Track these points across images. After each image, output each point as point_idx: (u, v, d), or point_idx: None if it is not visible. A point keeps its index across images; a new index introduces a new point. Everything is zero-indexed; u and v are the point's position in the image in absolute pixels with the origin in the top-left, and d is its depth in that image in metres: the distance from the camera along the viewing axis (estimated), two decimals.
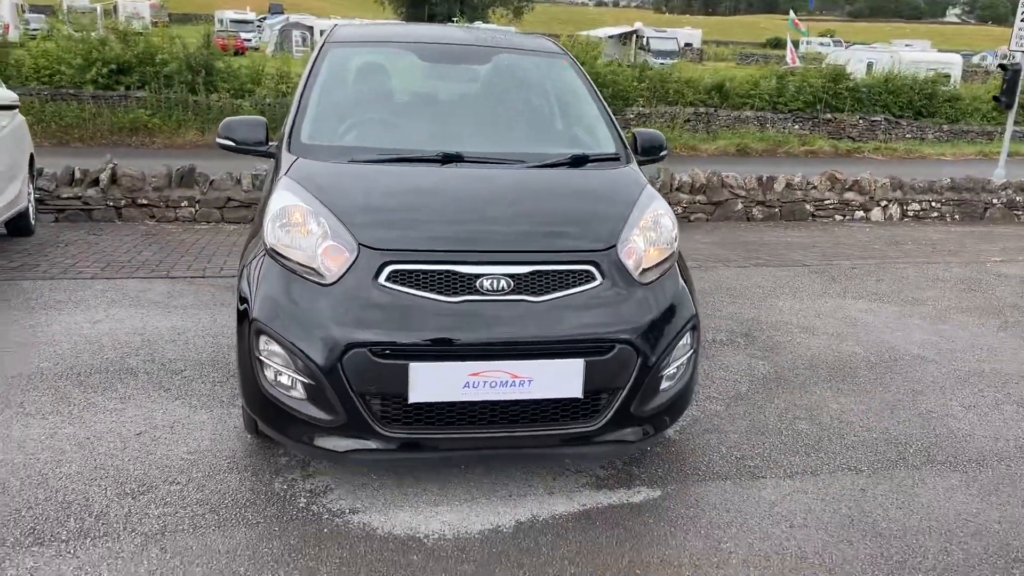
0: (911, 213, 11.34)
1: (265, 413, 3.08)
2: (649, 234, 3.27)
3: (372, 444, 2.94)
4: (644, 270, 3.17)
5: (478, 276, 2.96)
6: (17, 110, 6.91)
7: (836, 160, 18.43)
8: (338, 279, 2.95)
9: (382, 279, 2.94)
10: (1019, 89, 12.58)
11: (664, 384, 3.15)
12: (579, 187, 3.52)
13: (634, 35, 46.31)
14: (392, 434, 2.93)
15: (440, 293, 2.93)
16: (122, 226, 8.32)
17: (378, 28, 4.54)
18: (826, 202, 11.00)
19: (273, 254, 3.09)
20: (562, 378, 2.95)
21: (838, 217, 10.88)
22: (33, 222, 7.48)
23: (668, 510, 3.13)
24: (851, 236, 9.05)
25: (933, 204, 11.50)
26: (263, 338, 2.99)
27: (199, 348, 4.48)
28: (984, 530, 3.09)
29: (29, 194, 7.34)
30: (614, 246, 3.14)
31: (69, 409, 3.70)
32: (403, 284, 2.93)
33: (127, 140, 16.34)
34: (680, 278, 3.34)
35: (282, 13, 65.53)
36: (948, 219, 11.40)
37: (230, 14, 56.86)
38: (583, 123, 4.04)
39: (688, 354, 3.24)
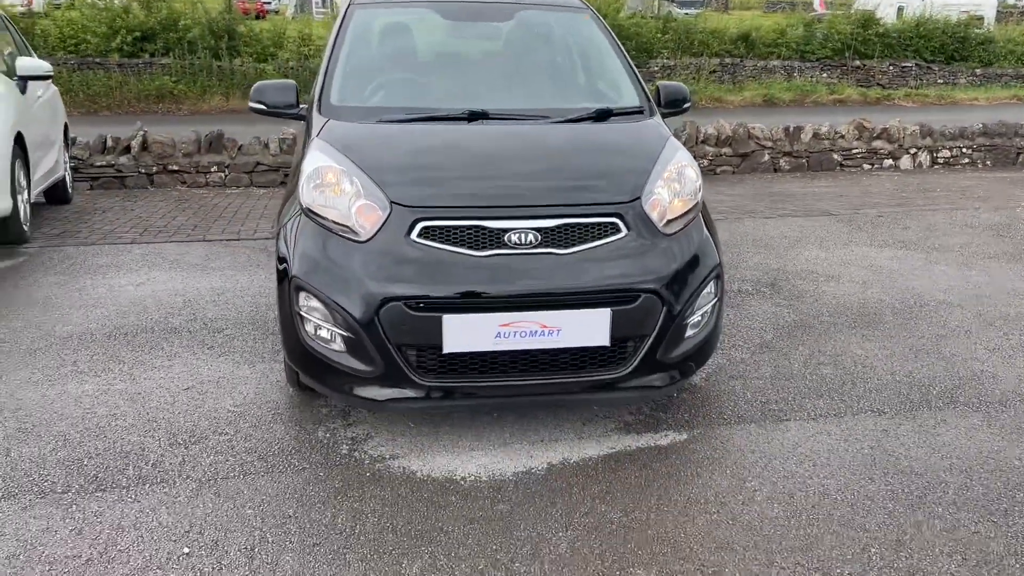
0: (941, 160, 11.22)
1: (307, 365, 3.22)
2: (673, 185, 3.34)
3: (409, 392, 3.08)
4: (668, 221, 3.26)
5: (506, 231, 3.06)
6: (51, 80, 7.06)
7: (865, 108, 18.18)
8: (372, 236, 3.07)
9: (414, 235, 3.05)
10: None
11: (689, 332, 3.24)
12: (603, 141, 3.59)
13: None
14: (428, 383, 3.06)
15: (470, 248, 3.04)
16: (155, 192, 8.51)
17: None
18: (854, 151, 10.91)
19: (309, 213, 3.21)
20: (589, 327, 3.06)
21: (866, 166, 10.80)
22: (70, 190, 7.68)
23: (694, 452, 3.25)
24: (879, 184, 9.01)
25: (964, 150, 11.36)
26: (303, 294, 3.12)
27: (238, 308, 4.64)
28: (1005, 467, 3.17)
29: (65, 163, 7.53)
30: (638, 198, 3.22)
31: (120, 367, 3.88)
32: (434, 239, 3.04)
33: (153, 107, 16.53)
34: (704, 228, 3.41)
35: None
36: (980, 165, 11.26)
37: None
38: (606, 77, 4.09)
39: (712, 302, 3.33)
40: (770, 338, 4.34)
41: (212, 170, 9.32)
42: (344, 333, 3.05)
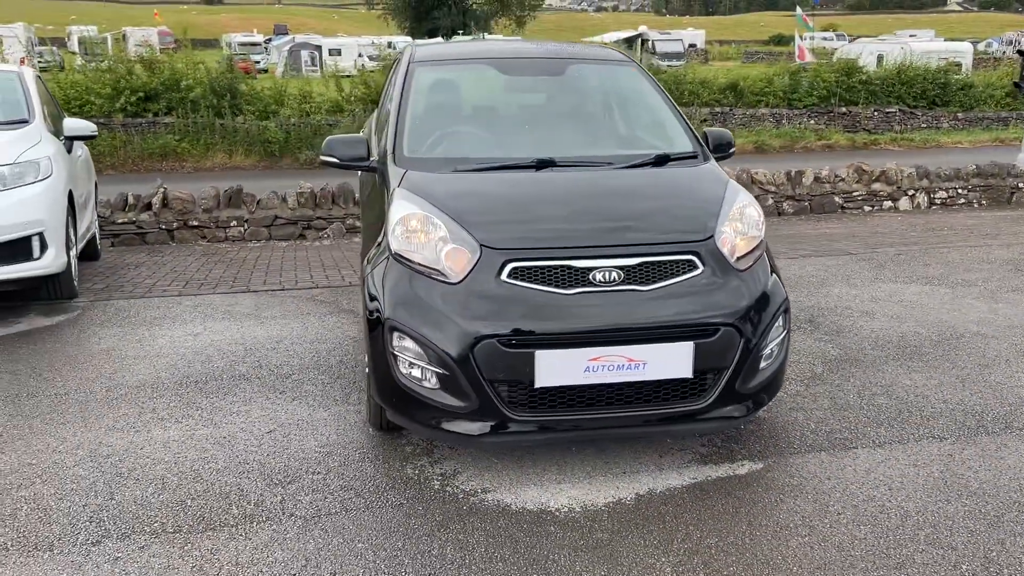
0: (938, 201, 11.56)
1: (398, 403, 3.35)
2: (738, 224, 3.53)
3: (503, 427, 3.21)
4: (739, 257, 3.43)
5: (591, 269, 3.22)
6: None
7: (853, 153, 18.64)
8: (464, 278, 3.22)
9: (504, 276, 3.21)
10: None
11: (763, 363, 3.40)
12: (669, 184, 3.78)
13: (639, 39, 46.70)
14: (520, 417, 3.19)
15: (557, 286, 3.20)
16: (177, 247, 8.64)
17: (455, 46, 4.83)
18: (854, 194, 11.23)
19: (398, 258, 3.36)
20: (673, 360, 3.21)
21: (867, 208, 11.11)
22: (99, 247, 7.81)
23: (773, 480, 3.38)
24: (885, 225, 9.27)
25: (959, 191, 11.71)
26: (396, 335, 3.26)
27: (300, 354, 4.75)
28: None
29: (95, 220, 7.67)
30: (711, 236, 3.40)
31: (199, 413, 3.98)
32: (523, 279, 3.20)
33: (157, 166, 16.72)
34: (769, 264, 3.59)
35: (286, 34, 66.26)
36: (975, 205, 11.60)
37: (238, 37, 57.61)
38: (659, 124, 4.30)
39: (782, 335, 3.50)
40: (820, 371, 4.49)
41: (232, 224, 9.49)
42: (438, 370, 3.18)
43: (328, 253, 8.11)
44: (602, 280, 3.21)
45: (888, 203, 11.40)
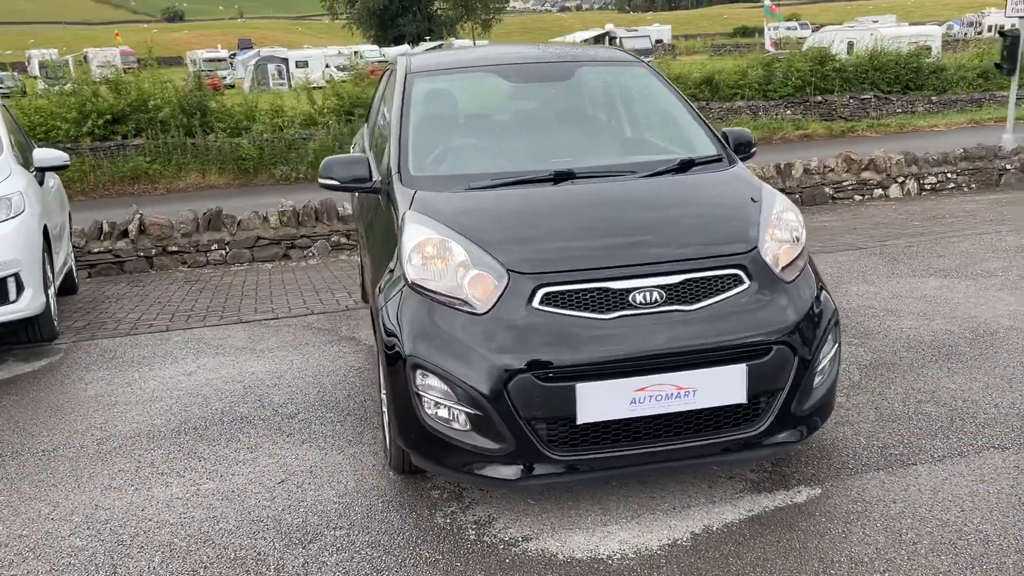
0: (928, 187, 11.42)
1: (424, 447, 3.06)
2: (780, 232, 3.27)
3: (543, 469, 2.93)
4: (783, 268, 3.17)
5: (630, 291, 2.95)
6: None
7: (831, 141, 18.55)
8: (492, 307, 2.93)
9: (536, 303, 2.93)
10: (1020, 54, 12.70)
11: (816, 382, 3.14)
12: (701, 192, 3.52)
13: (607, 36, 46.59)
14: (561, 457, 2.91)
15: (595, 311, 2.92)
16: (157, 275, 8.29)
17: (453, 55, 4.53)
18: (844, 183, 11.07)
19: (417, 289, 3.07)
20: (726, 385, 2.94)
21: (857, 197, 10.95)
22: (76, 279, 7.43)
23: (836, 507, 3.12)
24: (883, 215, 9.09)
25: (948, 175, 11.58)
26: (419, 372, 2.97)
27: (304, 390, 4.44)
28: None
29: (70, 252, 7.29)
30: (755, 248, 3.14)
31: (202, 464, 3.66)
32: (557, 305, 2.93)
33: (128, 189, 16.29)
34: (814, 273, 3.34)
35: (251, 48, 65.58)
36: (965, 189, 11.47)
37: (203, 53, 56.90)
38: (677, 127, 4.04)
39: (834, 351, 3.24)
40: (858, 379, 4.25)
41: (212, 248, 9.15)
42: (469, 410, 2.89)
43: (317, 274, 7.79)
44: (643, 301, 2.94)
45: (878, 191, 11.24)
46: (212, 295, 6.86)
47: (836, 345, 3.26)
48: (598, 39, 46.07)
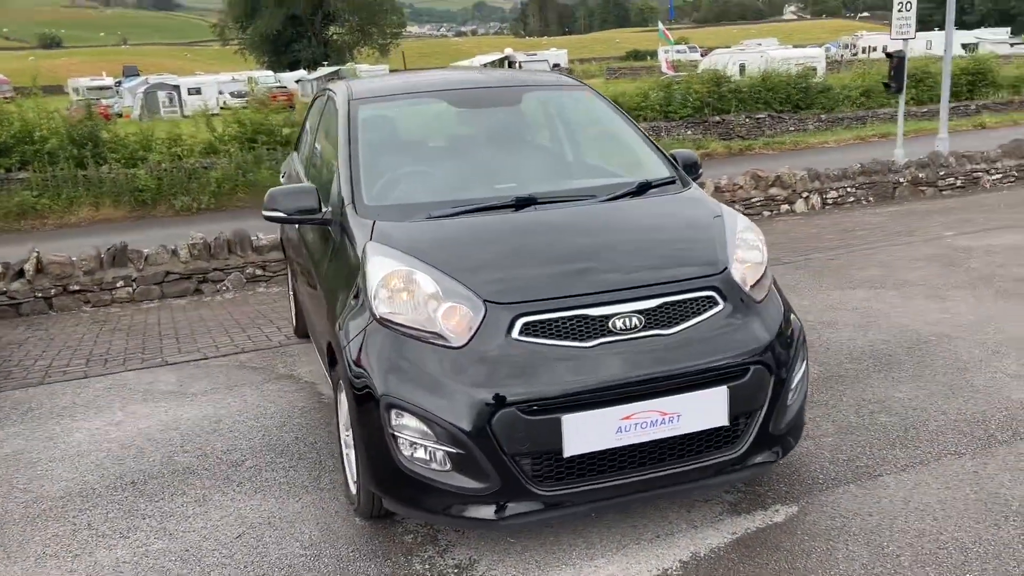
0: (830, 201, 11.90)
1: (399, 490, 2.91)
2: (745, 251, 3.28)
3: (529, 506, 2.82)
4: (752, 287, 3.18)
5: (609, 316, 2.89)
6: None
7: (731, 159, 19.17)
8: (470, 340, 2.82)
9: (515, 333, 2.83)
10: (905, 73, 13.42)
11: (790, 400, 3.15)
12: (665, 215, 3.50)
13: (507, 61, 47.09)
14: (548, 492, 2.81)
15: (575, 339, 2.85)
16: (59, 317, 7.81)
17: (395, 80, 4.40)
18: (753, 200, 11.41)
19: (386, 323, 2.92)
20: (709, 408, 2.91)
21: (766, 213, 11.29)
22: None
23: (815, 524, 3.12)
24: (796, 229, 9.39)
25: (848, 189, 12.09)
26: (393, 412, 2.82)
27: (247, 435, 4.19)
28: None
29: None
30: (726, 268, 3.13)
31: (147, 522, 3.38)
32: (537, 335, 2.84)
33: (15, 225, 15.38)
34: (778, 291, 3.36)
35: (137, 75, 63.34)
36: (864, 202, 12.00)
37: (85, 81, 54.57)
38: (628, 150, 4.03)
39: (803, 368, 3.26)
40: (810, 392, 4.30)
41: (118, 285, 8.67)
42: (451, 449, 2.76)
43: (236, 309, 7.47)
44: (622, 327, 2.88)
45: (785, 206, 11.64)
46: (127, 336, 6.47)
47: (805, 363, 3.28)
48: (498, 62, 46.52)
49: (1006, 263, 6.48)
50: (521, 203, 3.42)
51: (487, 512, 2.82)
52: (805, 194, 11.82)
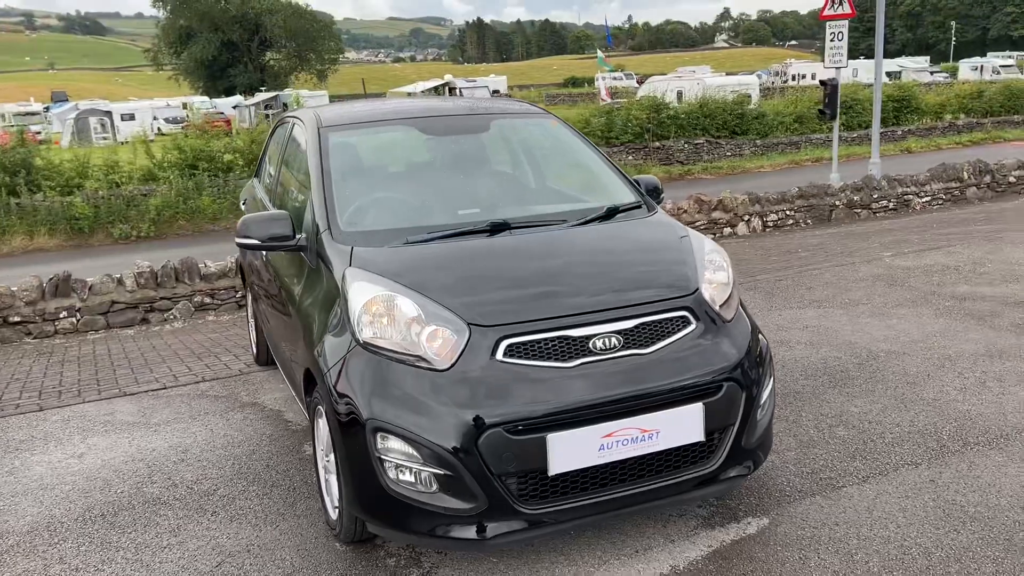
0: (771, 224, 12.28)
1: (385, 513, 2.93)
2: (713, 273, 3.41)
3: (515, 524, 2.87)
4: (721, 306, 3.30)
5: (589, 337, 2.98)
6: None
7: (671, 183, 19.58)
8: (454, 363, 2.88)
9: (499, 355, 2.89)
10: (839, 100, 13.97)
11: (759, 415, 3.27)
12: (636, 239, 3.61)
13: (447, 87, 47.34)
14: (533, 511, 2.87)
15: (557, 360, 2.93)
16: (1, 349, 7.58)
17: (363, 107, 4.44)
18: (697, 223, 11.69)
19: (370, 349, 2.96)
20: (685, 424, 3.01)
21: (710, 236, 11.59)
22: None
23: (787, 535, 3.23)
24: (742, 252, 9.66)
25: (788, 212, 12.49)
26: (379, 436, 2.86)
27: (216, 464, 4.15)
28: None
29: None
30: (697, 289, 3.25)
31: (121, 554, 3.33)
32: (521, 356, 2.91)
33: None
34: (744, 310, 3.49)
35: (66, 101, 61.84)
36: (802, 224, 12.41)
37: (12, 107, 53.06)
38: (594, 176, 4.14)
39: (771, 384, 3.39)
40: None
41: (61, 316, 8.49)
42: (437, 471, 2.81)
43: (188, 337, 7.36)
44: (602, 347, 2.97)
45: (728, 229, 11.97)
46: (79, 367, 6.33)
47: (772, 380, 3.41)
48: (437, 89, 46.74)
49: (944, 282, 6.80)
50: (495, 228, 3.49)
51: (474, 532, 2.86)
52: (747, 217, 12.18)
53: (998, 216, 10.78)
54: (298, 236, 3.63)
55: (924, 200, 12.99)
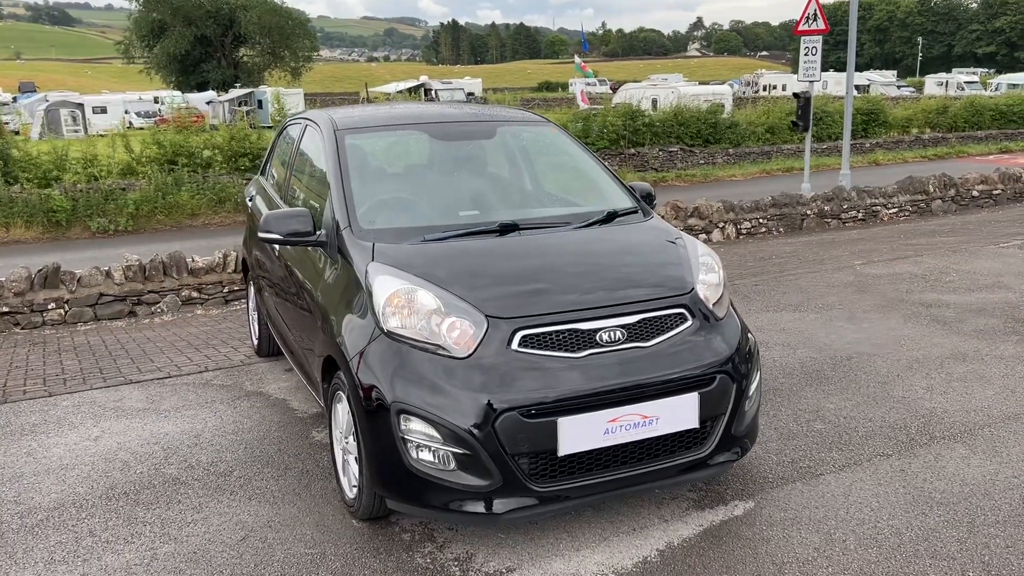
0: (744, 231, 12.64)
1: (405, 489, 3.17)
2: (706, 274, 3.69)
3: (526, 501, 3.12)
4: (714, 304, 3.58)
5: (596, 331, 3.24)
6: None
7: None
8: (473, 351, 3.12)
9: (514, 345, 3.14)
10: (811, 113, 14.40)
11: (747, 406, 3.55)
12: (635, 241, 3.88)
13: (422, 88, 47.51)
14: (543, 488, 3.12)
15: (568, 350, 3.18)
16: None
17: (374, 111, 4.67)
18: None
19: (394, 337, 3.19)
20: (681, 412, 3.28)
21: None
22: None
23: (771, 516, 3.52)
24: (721, 258, 9.97)
25: (761, 220, 12.86)
26: (402, 417, 3.09)
27: (230, 448, 4.35)
28: (1012, 485, 3.72)
29: None
30: (693, 288, 3.53)
31: (149, 528, 3.53)
32: (534, 347, 3.16)
33: None
34: (734, 309, 3.78)
35: (34, 91, 60.96)
36: (775, 232, 12.79)
37: None
38: (594, 182, 4.41)
39: (758, 378, 3.67)
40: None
41: (50, 307, 8.59)
42: (456, 450, 3.05)
43: (182, 330, 7.51)
44: (608, 340, 3.24)
45: (703, 236, 12.29)
46: (77, 357, 6.46)
47: (759, 374, 3.70)
48: (414, 90, 46.87)
49: (912, 289, 7.17)
50: (505, 228, 3.75)
51: (487, 507, 3.10)
52: (721, 224, 12.53)
53: (961, 228, 11.23)
54: (318, 232, 3.85)
55: (891, 211, 13.44)
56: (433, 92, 46.82)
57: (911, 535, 3.34)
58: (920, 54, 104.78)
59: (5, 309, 8.43)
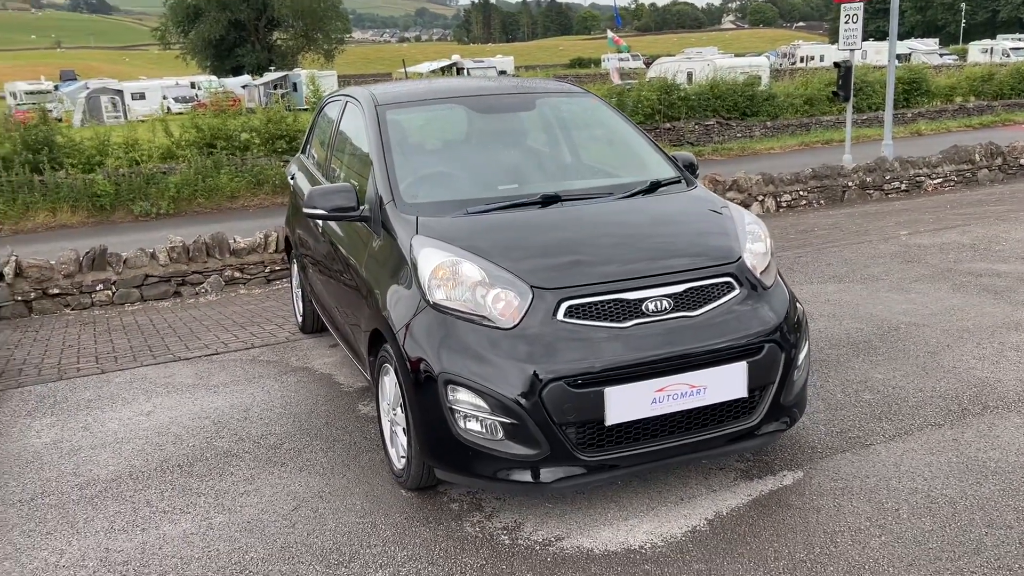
0: (784, 204, 12.46)
1: (454, 459, 3.19)
2: (753, 243, 3.64)
3: (574, 470, 3.13)
4: (761, 273, 3.54)
5: (642, 300, 3.22)
6: None
7: None
8: (518, 322, 3.12)
9: (560, 315, 3.14)
10: (852, 82, 14.12)
11: (796, 375, 3.52)
12: (680, 210, 3.85)
13: (454, 67, 47.43)
14: (591, 458, 3.13)
15: (613, 320, 3.17)
16: (43, 320, 7.86)
17: (413, 87, 4.68)
18: None
19: (441, 309, 3.21)
20: (730, 381, 3.26)
21: None
22: None
23: (821, 486, 3.49)
24: None
25: (801, 193, 12.66)
26: (450, 387, 3.11)
27: (278, 422, 4.42)
28: None
29: None
30: (740, 257, 3.49)
31: (203, 499, 3.60)
32: (580, 317, 3.15)
33: None
34: (782, 278, 3.73)
35: (75, 79, 61.91)
36: (815, 205, 12.59)
37: (23, 85, 53.13)
38: (635, 152, 4.37)
39: (807, 347, 3.63)
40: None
41: (98, 289, 8.75)
42: (504, 420, 3.07)
43: (226, 309, 7.62)
44: (654, 309, 3.22)
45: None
46: (127, 335, 6.59)
47: (808, 344, 3.66)
48: (446, 68, 46.79)
49: (960, 259, 7.02)
50: (547, 200, 3.73)
51: (535, 476, 3.12)
52: (761, 197, 12.36)
53: (1010, 197, 10.97)
54: (362, 207, 3.87)
55: (936, 182, 13.16)
56: (465, 71, 46.68)
57: (965, 504, 3.30)
58: (963, 20, 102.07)
59: (56, 291, 8.61)
